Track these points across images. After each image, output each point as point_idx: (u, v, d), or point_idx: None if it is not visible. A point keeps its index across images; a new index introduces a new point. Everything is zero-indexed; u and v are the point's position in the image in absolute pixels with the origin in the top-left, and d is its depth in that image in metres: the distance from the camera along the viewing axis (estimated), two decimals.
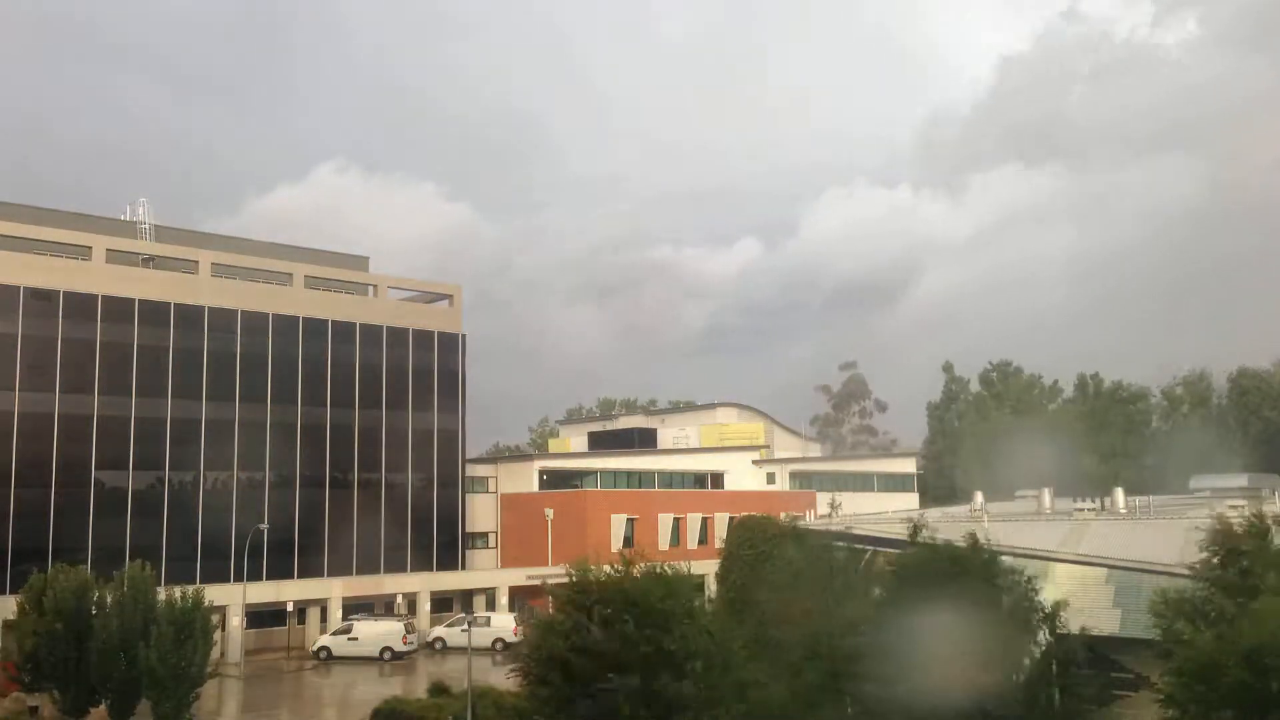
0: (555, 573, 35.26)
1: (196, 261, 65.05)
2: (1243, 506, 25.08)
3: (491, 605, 68.23)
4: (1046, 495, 47.41)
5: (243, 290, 66.01)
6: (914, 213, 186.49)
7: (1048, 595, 23.13)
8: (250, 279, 67.24)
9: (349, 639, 58.16)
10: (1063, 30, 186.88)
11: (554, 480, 79.65)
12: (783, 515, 44.04)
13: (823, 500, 77.41)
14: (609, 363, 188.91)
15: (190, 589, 37.22)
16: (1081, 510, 43.30)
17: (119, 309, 60.50)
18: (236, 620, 56.54)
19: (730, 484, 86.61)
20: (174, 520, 60.77)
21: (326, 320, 68.54)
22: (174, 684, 34.70)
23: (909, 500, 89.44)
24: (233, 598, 55.77)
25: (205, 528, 61.75)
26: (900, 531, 36.99)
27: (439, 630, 62.21)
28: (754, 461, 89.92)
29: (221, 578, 58.31)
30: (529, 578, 67.24)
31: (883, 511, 61.05)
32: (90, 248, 61.33)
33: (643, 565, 23.26)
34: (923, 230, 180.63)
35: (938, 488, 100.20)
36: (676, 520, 76.74)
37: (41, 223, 61.10)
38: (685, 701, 20.57)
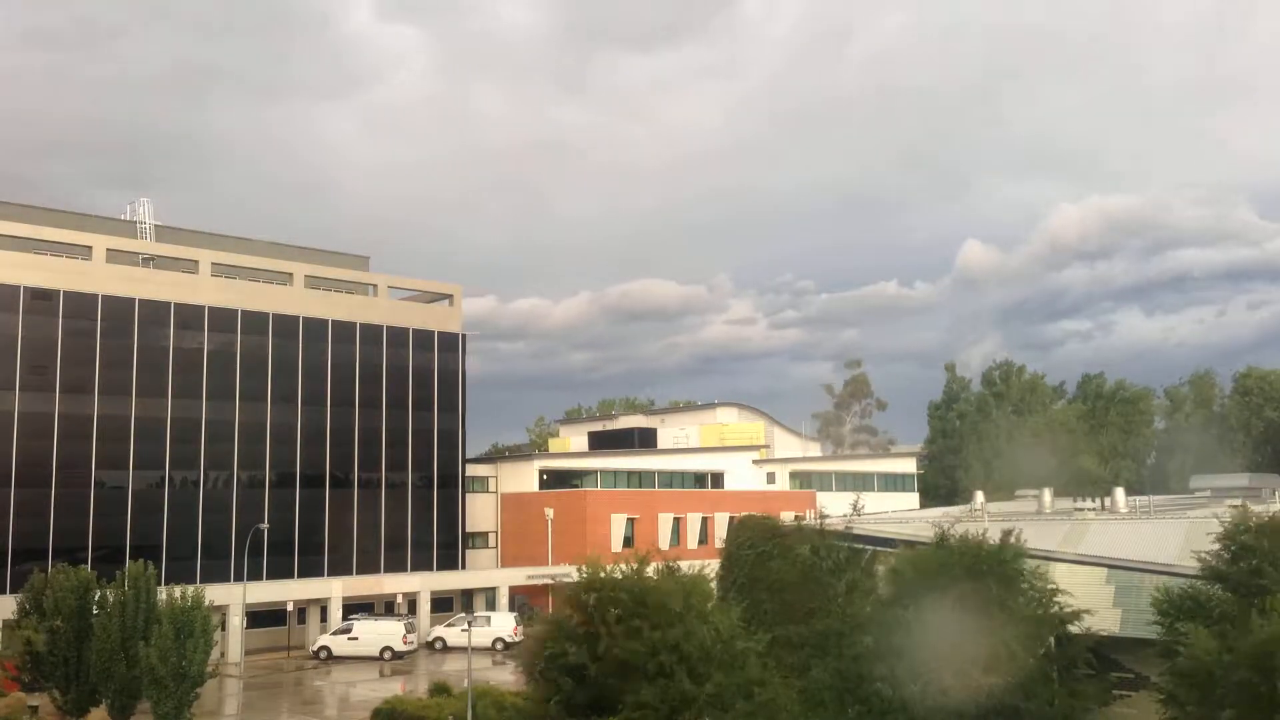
0: (555, 572, 35.30)
1: (196, 261, 65.04)
2: (1243, 505, 25.01)
3: (491, 605, 68.23)
4: (1046, 495, 47.39)
5: (243, 290, 66.00)
6: None
7: (1060, 598, 23.05)
8: (250, 279, 67.24)
9: (349, 639, 58.17)
10: None
11: (554, 480, 79.64)
12: (794, 515, 44.04)
13: (825, 499, 77.47)
14: None
15: (190, 589, 37.21)
16: (1081, 510, 43.30)
17: (119, 309, 60.48)
18: (236, 620, 56.50)
19: (730, 484, 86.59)
20: (174, 520, 60.77)
21: (326, 320, 68.52)
22: (174, 683, 34.68)
23: (909, 500, 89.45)
24: (233, 598, 55.75)
25: (205, 528, 61.76)
26: (900, 531, 36.98)
27: (439, 630, 62.21)
28: (754, 461, 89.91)
29: (221, 578, 58.34)
30: (529, 578, 67.31)
31: (883, 511, 61.05)
32: (90, 248, 61.32)
33: (656, 565, 23.19)
34: None
35: (938, 487, 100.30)
36: (676, 520, 76.76)
37: (41, 223, 61.12)
38: (695, 702, 20.52)
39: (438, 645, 61.00)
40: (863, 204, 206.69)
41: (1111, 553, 32.99)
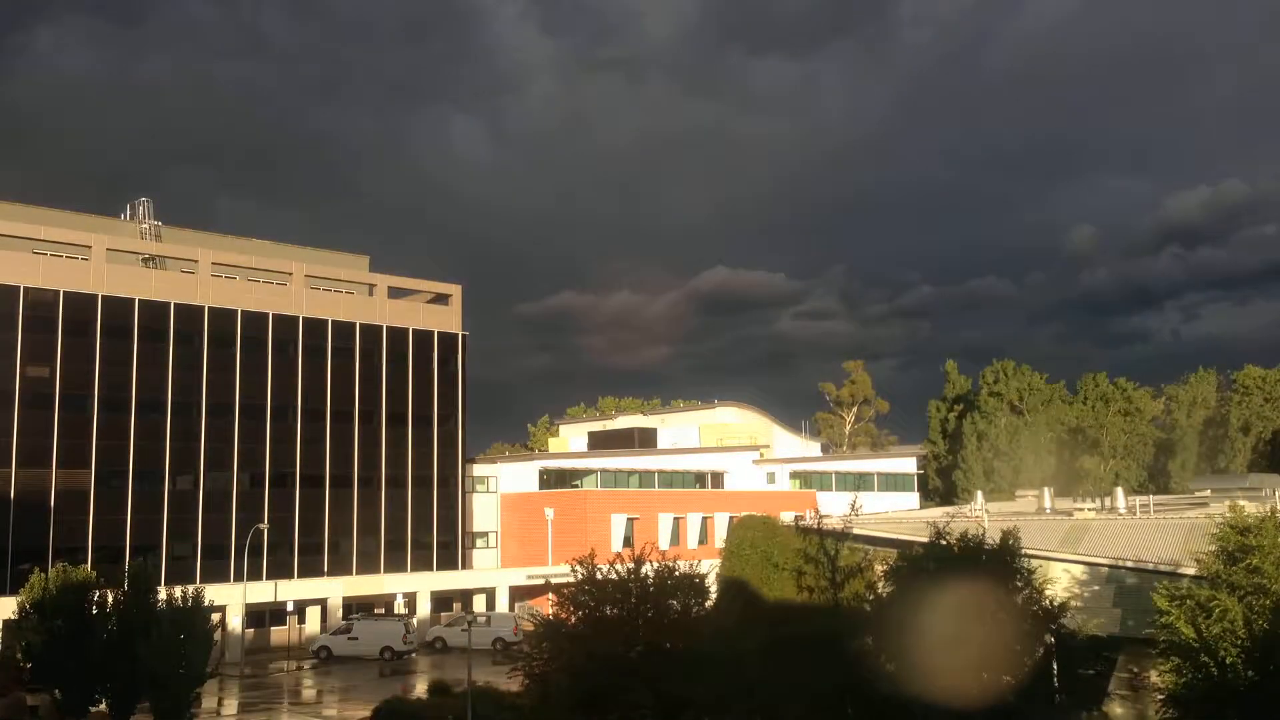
0: (555, 572, 35.28)
1: (196, 261, 65.01)
2: (1236, 505, 25.02)
3: (491, 605, 68.22)
4: (1046, 495, 47.48)
5: (243, 290, 65.97)
6: None
7: (1051, 594, 23.09)
8: (250, 278, 67.21)
9: (349, 639, 58.14)
10: None
11: (554, 480, 79.60)
12: (794, 515, 44.06)
13: (825, 499, 77.48)
14: None
15: (190, 588, 37.21)
16: (1081, 510, 43.33)
17: (119, 309, 60.47)
18: (236, 620, 56.50)
19: (730, 484, 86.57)
20: (174, 520, 60.75)
21: (326, 320, 68.50)
22: (174, 683, 34.66)
23: (909, 500, 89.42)
24: (233, 598, 55.75)
25: (205, 528, 61.74)
26: (900, 531, 36.99)
27: (439, 630, 62.19)
28: (754, 461, 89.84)
29: (221, 578, 58.36)
30: (529, 578, 67.26)
31: (883, 511, 61.06)
32: (90, 247, 61.31)
33: (652, 565, 23.22)
34: None
35: (938, 487, 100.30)
36: (676, 520, 76.73)
37: (41, 222, 61.11)
38: (695, 703, 20.52)
39: (438, 645, 60.98)
40: (974, 201, 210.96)
41: (1111, 553, 33.02)
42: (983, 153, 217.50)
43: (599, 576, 22.42)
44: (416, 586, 66.25)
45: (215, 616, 43.66)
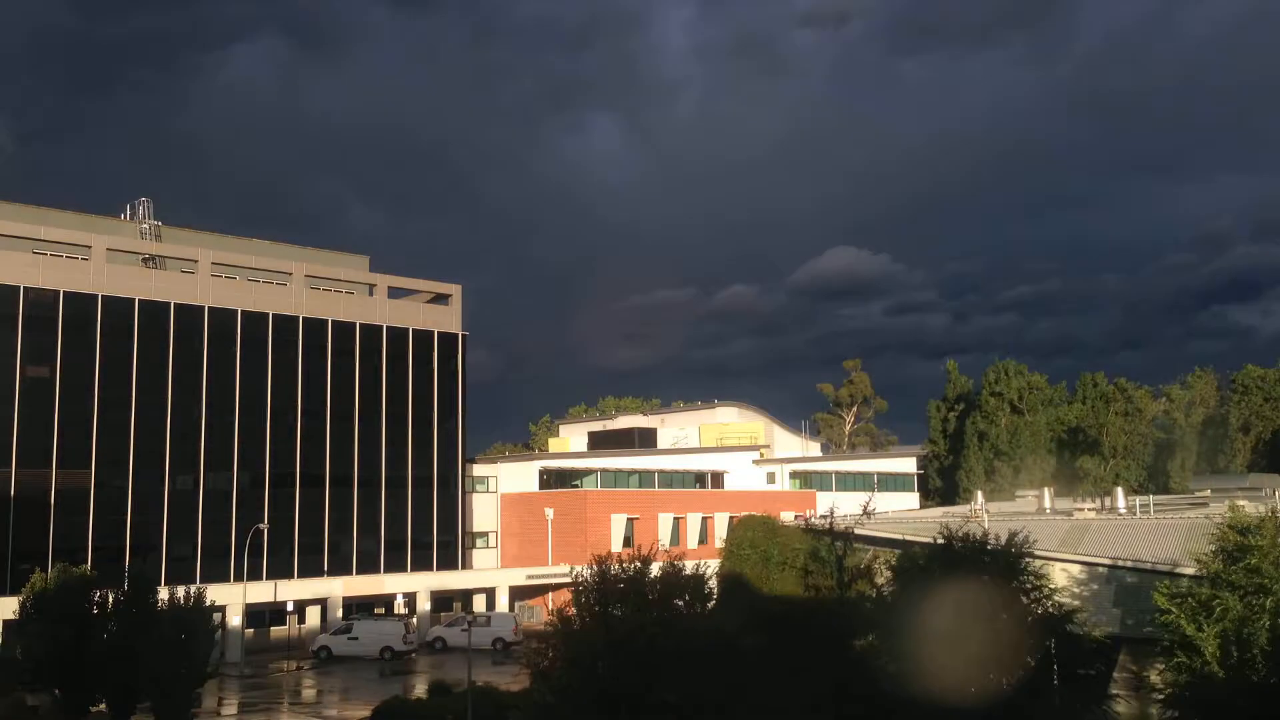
0: (555, 572, 35.34)
1: (196, 261, 65.00)
2: (1235, 505, 25.02)
3: (491, 605, 68.24)
4: (1047, 495, 47.52)
5: (243, 289, 65.97)
6: None
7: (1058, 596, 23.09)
8: (250, 278, 67.21)
9: (349, 639, 58.15)
10: None
11: (554, 480, 79.62)
12: (794, 515, 44.07)
13: (826, 499, 77.46)
14: None
15: (191, 589, 37.22)
16: (1081, 510, 43.35)
17: (119, 309, 60.46)
18: (236, 620, 56.50)
19: (730, 484, 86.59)
20: (174, 520, 60.75)
21: (326, 320, 68.51)
22: (174, 683, 34.66)
23: (909, 500, 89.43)
24: (233, 598, 55.75)
25: (205, 528, 61.74)
26: (901, 531, 37.04)
27: (439, 630, 62.20)
28: (754, 461, 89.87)
29: (221, 577, 58.34)
30: (529, 578, 67.35)
31: (884, 512, 61.05)
32: (90, 247, 61.31)
33: (660, 564, 23.30)
34: None
35: (939, 487, 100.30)
36: (676, 520, 76.75)
37: (41, 222, 61.11)
38: (694, 702, 20.53)
39: (438, 645, 60.98)
40: (1103, 197, 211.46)
41: (1111, 553, 33.06)
42: (1123, 149, 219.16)
43: (611, 574, 22.49)
44: (416, 586, 66.25)
45: (215, 616, 43.63)
